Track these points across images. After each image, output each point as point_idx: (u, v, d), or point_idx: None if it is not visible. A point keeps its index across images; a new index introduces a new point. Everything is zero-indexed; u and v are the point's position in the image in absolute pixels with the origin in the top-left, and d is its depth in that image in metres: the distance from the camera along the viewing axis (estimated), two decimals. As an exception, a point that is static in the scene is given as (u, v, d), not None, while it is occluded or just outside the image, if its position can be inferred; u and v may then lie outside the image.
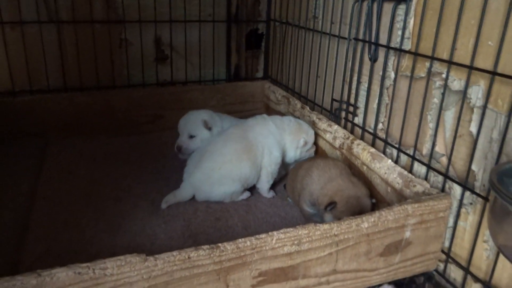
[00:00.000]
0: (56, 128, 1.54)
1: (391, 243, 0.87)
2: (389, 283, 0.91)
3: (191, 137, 1.35)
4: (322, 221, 1.03)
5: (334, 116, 1.36)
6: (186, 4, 1.68)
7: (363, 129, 1.23)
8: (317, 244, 0.79)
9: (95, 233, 1.03)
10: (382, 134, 1.18)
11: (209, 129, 1.35)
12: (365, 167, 1.14)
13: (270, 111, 1.76)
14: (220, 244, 0.73)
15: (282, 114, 1.63)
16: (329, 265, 0.82)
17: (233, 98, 1.79)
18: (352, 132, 1.29)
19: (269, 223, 1.11)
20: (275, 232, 0.76)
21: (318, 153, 1.37)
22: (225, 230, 1.07)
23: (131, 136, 1.59)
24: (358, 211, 0.98)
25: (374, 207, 1.04)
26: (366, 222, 0.83)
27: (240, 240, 0.74)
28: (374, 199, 1.05)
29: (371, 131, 1.20)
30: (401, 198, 1.01)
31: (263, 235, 0.75)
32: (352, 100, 1.29)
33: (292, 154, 1.28)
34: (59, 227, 1.04)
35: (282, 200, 1.23)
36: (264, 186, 1.25)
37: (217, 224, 1.09)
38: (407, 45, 1.06)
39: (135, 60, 1.69)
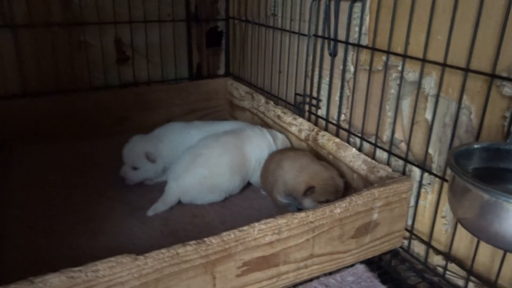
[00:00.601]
0: (18, 135, 1.50)
1: (361, 225, 0.94)
2: (361, 262, 0.99)
3: (135, 168, 1.27)
4: (301, 207, 1.09)
5: (298, 109, 1.43)
6: (145, 4, 1.68)
7: (327, 120, 1.30)
8: (295, 232, 0.85)
9: (73, 237, 1.03)
10: (345, 125, 1.26)
11: (153, 161, 1.28)
12: (331, 157, 1.20)
13: (234, 107, 1.80)
14: (206, 239, 0.76)
15: (246, 110, 1.68)
16: (306, 250, 0.88)
17: (197, 96, 1.81)
18: (316, 124, 1.35)
19: (244, 216, 1.16)
20: (256, 224, 0.81)
21: (285, 145, 1.42)
22: (203, 226, 1.10)
23: (97, 140, 1.58)
24: (335, 191, 1.05)
25: (346, 186, 1.11)
26: (339, 208, 0.89)
27: (224, 233, 0.78)
28: (345, 179, 1.12)
29: (335, 122, 1.27)
30: (366, 183, 1.08)
31: (245, 227, 0.80)
32: (314, 94, 1.35)
33: None
34: (37, 235, 1.03)
35: (254, 193, 1.27)
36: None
37: (195, 220, 1.12)
38: (365, 41, 1.13)
39: (96, 62, 1.67)
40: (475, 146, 0.72)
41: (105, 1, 1.62)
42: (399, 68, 1.03)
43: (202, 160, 1.19)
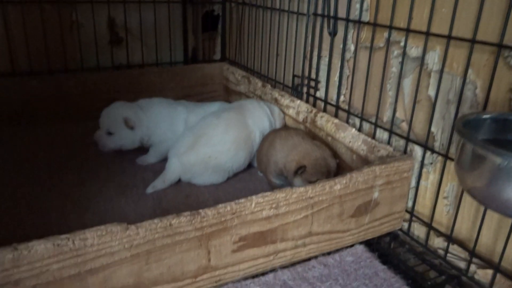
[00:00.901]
0: (5, 114, 1.45)
1: (361, 204, 0.91)
2: (360, 243, 0.95)
3: (110, 133, 1.21)
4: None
5: (296, 91, 1.39)
6: (140, -17, 1.64)
7: (326, 102, 1.27)
8: (293, 207, 0.81)
9: (61, 215, 0.99)
10: (344, 106, 1.22)
11: (131, 128, 1.21)
12: (329, 138, 1.17)
13: (229, 92, 1.76)
14: (201, 210, 0.73)
15: (242, 94, 1.64)
16: (305, 227, 0.85)
17: (192, 80, 1.77)
18: (314, 105, 1.32)
19: (240, 197, 1.11)
20: (253, 197, 0.77)
21: (282, 129, 1.39)
22: (197, 205, 1.05)
23: (87, 121, 1.52)
24: (326, 171, 1.02)
25: (339, 168, 1.08)
26: (339, 184, 0.86)
27: (220, 205, 0.74)
28: (337, 159, 1.08)
29: (334, 103, 1.24)
30: (366, 164, 1.05)
31: (242, 200, 0.76)
32: (313, 75, 1.32)
33: None
34: (22, 212, 0.99)
35: (250, 175, 1.24)
36: None
37: (188, 200, 1.09)
38: (366, 17, 1.10)
39: (89, 43, 1.62)
40: (484, 116, 0.69)
41: (98, -21, 1.58)
42: (402, 44, 1.00)
43: (206, 139, 1.15)
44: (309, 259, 0.89)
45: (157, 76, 1.69)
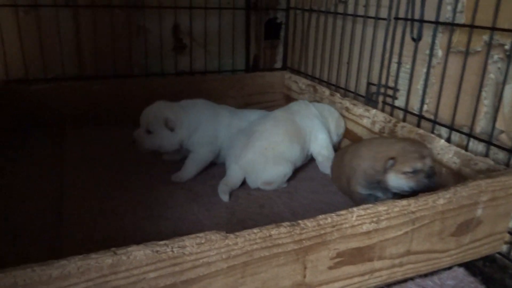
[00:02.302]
0: (72, 117, 1.46)
1: (463, 221, 0.82)
2: (458, 265, 0.86)
3: (149, 132, 1.15)
4: (385, 189, 0.96)
5: (370, 100, 1.32)
6: (206, -10, 1.63)
7: (406, 111, 1.19)
8: (394, 222, 0.74)
9: (135, 220, 0.95)
10: (428, 115, 1.14)
11: (171, 129, 1.15)
12: (413, 149, 1.09)
13: (291, 101, 1.70)
14: (300, 221, 0.67)
15: (306, 103, 1.58)
16: (404, 245, 0.77)
17: (252, 88, 1.73)
18: (391, 115, 1.24)
19: (316, 209, 1.05)
20: (355, 209, 0.71)
21: (353, 140, 1.31)
22: (273, 216, 1.01)
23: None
24: (420, 157, 0.90)
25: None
26: (442, 199, 0.77)
27: (320, 216, 0.68)
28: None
29: (416, 112, 1.16)
30: (459, 178, 0.96)
31: (343, 212, 0.70)
32: (390, 83, 1.24)
33: (334, 140, 1.26)
34: (95, 214, 0.96)
35: (324, 187, 1.17)
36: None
37: (263, 211, 1.03)
38: (460, 19, 1.02)
39: (153, 49, 1.62)
40: None
41: (166, -14, 1.57)
42: (506, 46, 0.91)
43: (258, 134, 1.14)
44: (405, 280, 0.81)
45: (219, 83, 1.66)
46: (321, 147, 1.21)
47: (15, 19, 1.40)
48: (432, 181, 0.90)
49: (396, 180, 0.92)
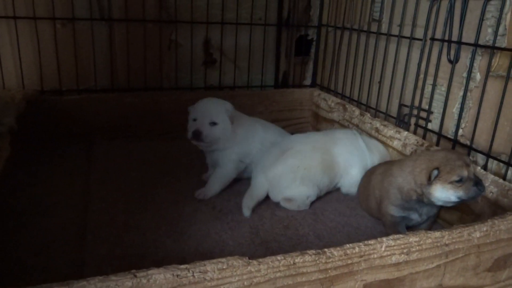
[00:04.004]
0: (102, 128, 1.48)
1: (500, 256, 0.77)
2: (494, 303, 0.81)
3: (213, 124, 1.14)
4: (421, 208, 0.94)
5: (402, 122, 1.28)
6: (238, 6, 1.63)
7: (440, 134, 1.15)
8: (426, 254, 0.70)
9: (157, 237, 0.94)
10: (463, 140, 1.09)
11: (232, 120, 1.16)
12: (446, 176, 1.04)
13: (319, 119, 1.68)
14: (326, 250, 0.64)
15: (334, 122, 1.55)
16: (435, 279, 0.73)
17: (281, 105, 1.71)
18: (424, 138, 1.20)
19: (342, 233, 1.02)
20: (384, 238, 0.67)
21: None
22: (297, 239, 0.98)
23: (179, 140, 1.51)
24: (464, 164, 0.86)
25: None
26: (478, 232, 0.73)
27: (347, 245, 0.65)
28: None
29: (450, 136, 1.12)
30: (496, 208, 0.91)
31: (372, 241, 0.66)
32: (424, 105, 1.20)
33: None
34: (120, 229, 0.96)
35: (350, 210, 1.13)
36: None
37: (287, 232, 1.00)
38: (501, 43, 0.98)
39: (184, 63, 1.63)
40: None
41: (199, 1, 1.58)
42: (551, 73, 0.86)
43: (293, 152, 1.12)
44: (435, 317, 0.76)
45: (248, 99, 1.65)
46: (350, 185, 1.18)
47: (52, 32, 1.44)
48: (481, 188, 0.86)
49: (442, 191, 0.87)
